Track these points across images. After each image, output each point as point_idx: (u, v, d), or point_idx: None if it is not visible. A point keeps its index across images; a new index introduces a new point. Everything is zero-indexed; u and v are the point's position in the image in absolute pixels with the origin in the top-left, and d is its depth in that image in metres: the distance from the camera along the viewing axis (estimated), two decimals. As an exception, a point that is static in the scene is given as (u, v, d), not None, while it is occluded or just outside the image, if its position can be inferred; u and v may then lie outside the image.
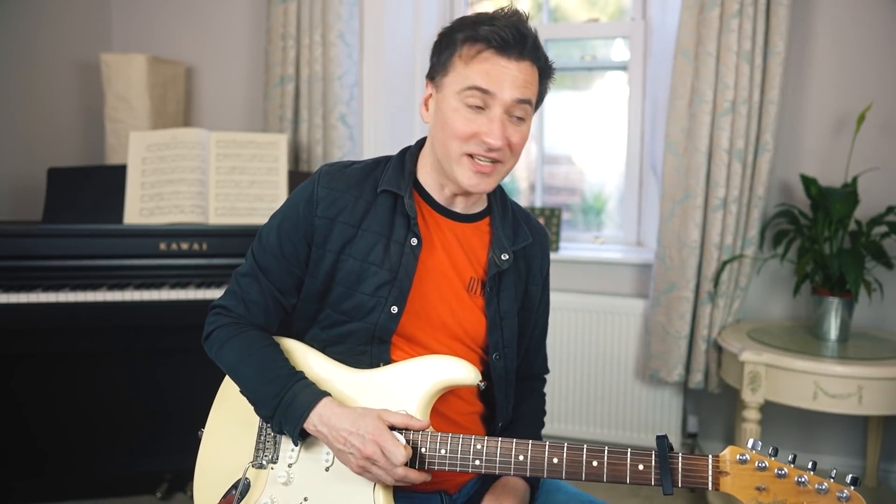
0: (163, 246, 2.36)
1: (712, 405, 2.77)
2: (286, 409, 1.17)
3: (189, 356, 1.41)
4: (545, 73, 1.23)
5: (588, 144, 3.18)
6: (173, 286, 2.30)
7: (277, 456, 1.22)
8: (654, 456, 1.09)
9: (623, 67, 2.98)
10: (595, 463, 1.10)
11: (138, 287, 2.28)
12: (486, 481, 1.33)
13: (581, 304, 2.79)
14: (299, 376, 1.21)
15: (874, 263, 2.38)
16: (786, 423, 2.65)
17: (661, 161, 2.64)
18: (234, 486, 1.22)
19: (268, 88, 2.91)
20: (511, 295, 1.29)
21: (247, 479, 1.21)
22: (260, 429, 1.25)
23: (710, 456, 1.07)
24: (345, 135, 2.85)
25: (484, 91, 1.16)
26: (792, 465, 1.05)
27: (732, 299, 2.56)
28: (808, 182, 2.41)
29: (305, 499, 1.19)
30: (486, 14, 1.20)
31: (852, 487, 1.02)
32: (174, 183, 2.47)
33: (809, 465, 1.04)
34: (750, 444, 1.07)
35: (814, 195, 2.39)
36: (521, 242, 1.31)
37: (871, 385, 2.08)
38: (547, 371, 1.49)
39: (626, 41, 2.92)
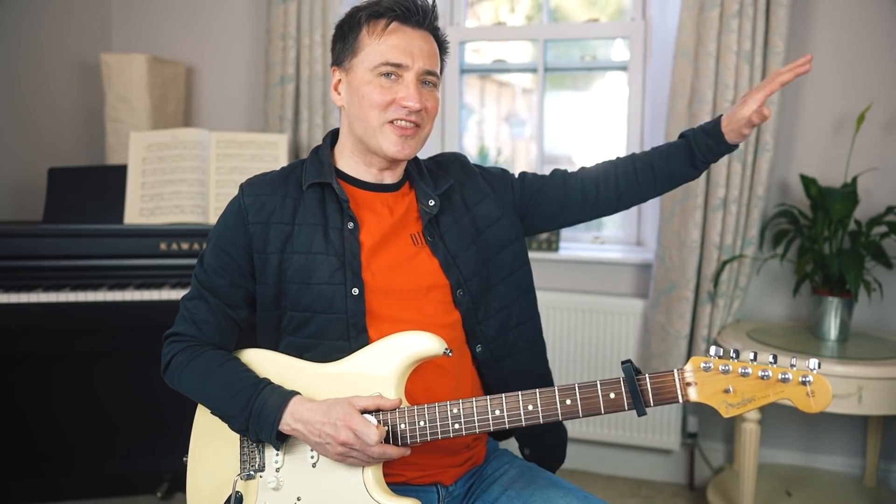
0: (163, 246, 2.36)
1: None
2: (258, 417, 1.18)
3: (189, 356, 1.42)
4: (443, 49, 1.32)
5: (588, 144, 3.18)
6: (174, 286, 2.30)
7: (263, 463, 1.23)
8: (622, 382, 1.12)
9: (623, 67, 2.98)
10: (569, 401, 1.14)
11: (138, 287, 2.28)
12: (483, 474, 1.34)
13: (581, 303, 2.79)
14: (264, 383, 1.22)
15: (874, 263, 2.38)
16: (786, 423, 2.65)
17: (661, 161, 2.63)
18: (227, 502, 1.23)
19: (268, 88, 2.91)
20: (455, 233, 1.34)
21: (238, 492, 1.22)
22: (241, 441, 1.26)
23: (675, 370, 1.11)
24: (345, 135, 2.85)
25: (397, 65, 1.23)
26: (754, 362, 1.08)
27: (732, 299, 2.56)
28: (807, 182, 2.41)
29: (298, 498, 1.20)
30: None
31: (814, 371, 1.05)
32: (174, 183, 2.47)
33: (770, 359, 1.08)
34: (712, 352, 1.10)
35: (814, 195, 2.39)
36: (443, 185, 1.36)
37: (870, 385, 2.08)
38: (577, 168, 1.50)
39: (626, 41, 2.92)
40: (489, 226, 1.37)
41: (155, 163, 2.48)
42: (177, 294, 2.27)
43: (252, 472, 1.23)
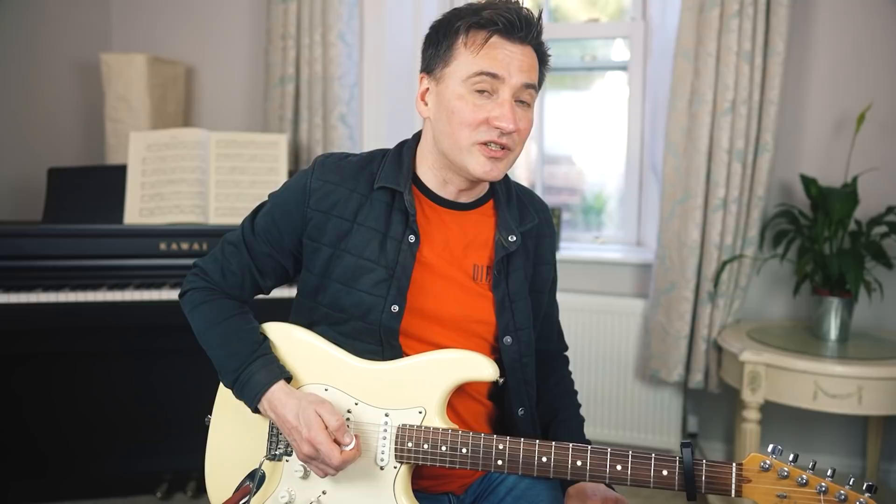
0: (163, 246, 2.35)
1: (712, 405, 2.77)
2: (242, 387, 1.20)
3: (189, 356, 1.41)
4: (543, 60, 1.23)
5: (588, 144, 3.18)
6: (173, 286, 2.29)
7: (291, 448, 1.21)
8: (678, 463, 1.09)
9: (623, 67, 2.98)
10: (619, 467, 1.10)
11: (138, 287, 2.28)
12: (489, 479, 1.34)
13: (581, 304, 2.79)
14: (259, 353, 1.21)
15: (874, 263, 2.38)
16: (786, 423, 2.65)
17: (661, 161, 2.64)
18: (250, 477, 1.21)
19: (268, 88, 2.91)
20: (520, 276, 1.27)
21: (262, 471, 1.21)
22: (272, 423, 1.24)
23: (734, 464, 1.08)
24: (345, 135, 2.85)
25: (493, 76, 1.14)
26: (812, 473, 1.07)
27: (732, 299, 2.56)
28: (808, 182, 2.41)
29: (324, 492, 1.19)
30: (480, 3, 1.19)
31: (868, 495, 1.04)
32: (174, 183, 2.47)
33: (829, 473, 1.06)
34: (770, 450, 1.08)
35: (814, 195, 2.39)
36: (527, 223, 1.30)
37: (870, 385, 2.08)
38: (565, 347, 1.48)
39: (626, 41, 2.92)
40: (541, 291, 1.34)
41: (155, 163, 2.48)
42: (176, 294, 2.26)
43: (278, 454, 1.22)
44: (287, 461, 1.21)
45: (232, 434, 1.28)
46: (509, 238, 1.25)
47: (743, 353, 2.22)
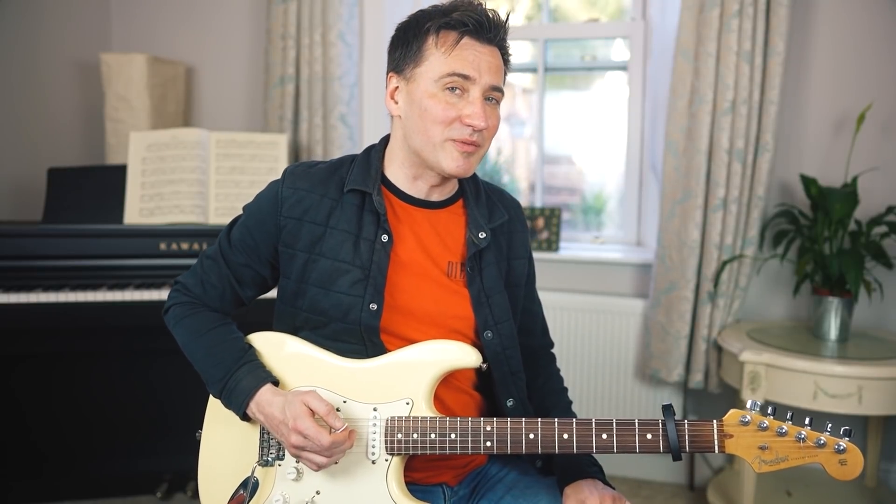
0: (163, 246, 2.36)
1: (712, 405, 2.77)
2: (230, 394, 1.21)
3: (189, 356, 1.43)
4: (506, 61, 1.27)
5: (588, 144, 3.18)
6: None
7: (283, 452, 1.22)
8: (661, 425, 1.12)
9: (623, 67, 2.98)
10: (605, 436, 1.13)
11: (138, 287, 2.28)
12: (487, 475, 1.34)
13: (581, 304, 2.79)
14: (244, 360, 1.23)
15: (874, 263, 2.38)
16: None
17: (661, 161, 2.64)
18: (243, 485, 1.22)
19: (268, 88, 2.91)
20: (494, 272, 1.30)
21: (255, 477, 1.21)
22: (262, 427, 1.25)
23: (715, 420, 1.11)
24: (345, 135, 2.85)
25: (464, 77, 1.18)
26: (790, 423, 1.10)
27: (732, 299, 2.56)
28: (808, 182, 2.41)
29: (318, 492, 1.20)
30: (447, 4, 1.22)
31: (846, 439, 1.07)
32: (174, 183, 2.47)
33: (807, 422, 1.09)
34: (749, 405, 1.11)
35: (814, 195, 2.39)
36: (497, 219, 1.33)
37: (870, 385, 2.08)
38: (551, 344, 1.49)
39: (626, 41, 2.92)
40: (516, 285, 1.35)
41: (155, 163, 2.48)
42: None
43: (270, 459, 1.22)
44: (279, 465, 1.22)
45: (224, 444, 1.28)
46: (479, 235, 1.28)
47: (743, 353, 2.22)
